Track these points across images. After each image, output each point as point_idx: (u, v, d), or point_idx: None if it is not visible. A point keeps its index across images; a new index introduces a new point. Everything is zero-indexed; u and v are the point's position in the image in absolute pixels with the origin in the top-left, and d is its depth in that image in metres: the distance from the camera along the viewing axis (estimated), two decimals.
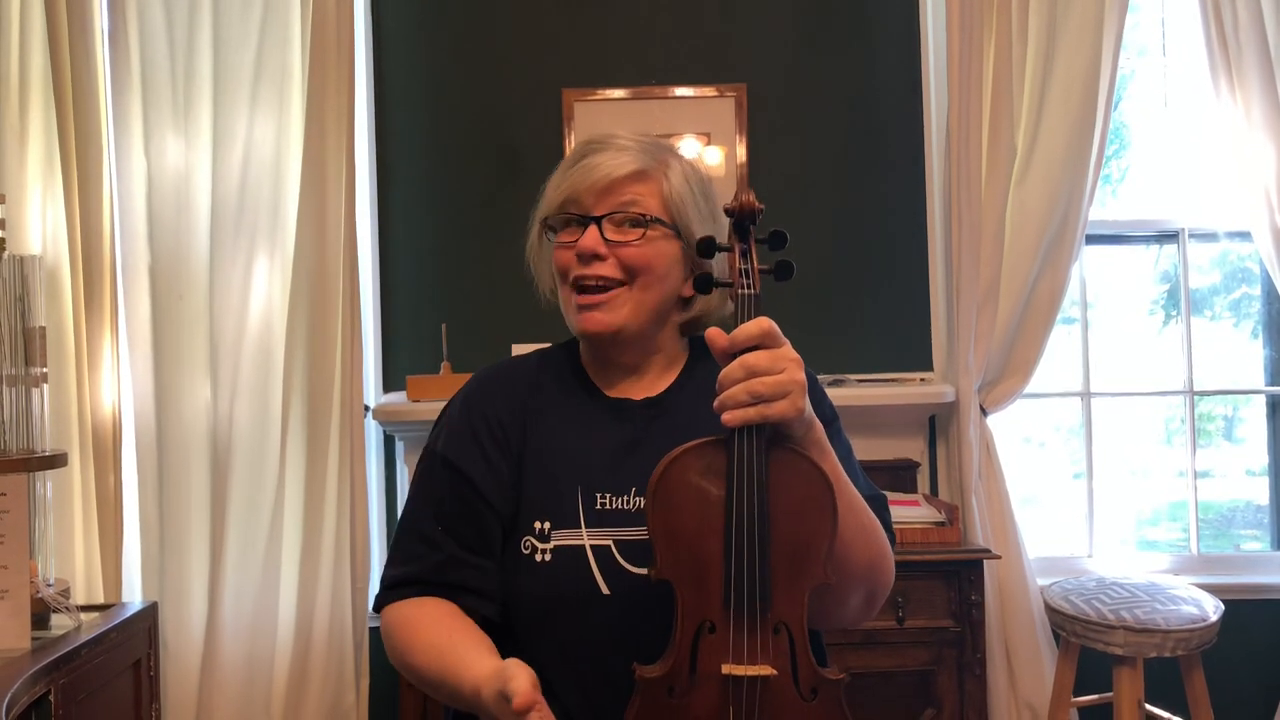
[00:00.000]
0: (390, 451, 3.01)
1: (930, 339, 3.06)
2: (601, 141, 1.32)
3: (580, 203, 1.27)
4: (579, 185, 1.27)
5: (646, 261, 1.26)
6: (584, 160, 1.29)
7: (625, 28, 3.06)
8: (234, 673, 2.73)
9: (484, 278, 2.99)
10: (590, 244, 1.25)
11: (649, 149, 1.31)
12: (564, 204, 1.29)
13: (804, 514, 1.09)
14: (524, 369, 1.39)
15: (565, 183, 1.29)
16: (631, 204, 1.27)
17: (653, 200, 1.28)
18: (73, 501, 2.62)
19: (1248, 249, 3.12)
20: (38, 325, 2.10)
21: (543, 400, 1.33)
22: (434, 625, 1.23)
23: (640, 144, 1.32)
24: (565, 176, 1.30)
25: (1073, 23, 2.85)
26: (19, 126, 2.62)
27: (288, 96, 2.78)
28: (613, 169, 1.27)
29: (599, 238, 1.25)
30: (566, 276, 1.29)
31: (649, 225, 1.26)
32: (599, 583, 1.21)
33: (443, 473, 1.30)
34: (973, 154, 2.84)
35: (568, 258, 1.28)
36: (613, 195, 1.27)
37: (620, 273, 1.26)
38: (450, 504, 1.28)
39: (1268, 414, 3.19)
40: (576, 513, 1.25)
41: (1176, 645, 2.42)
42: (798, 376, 1.07)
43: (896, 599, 2.49)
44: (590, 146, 1.32)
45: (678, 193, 1.29)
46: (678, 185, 1.29)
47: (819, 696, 1.10)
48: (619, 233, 1.26)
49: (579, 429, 1.31)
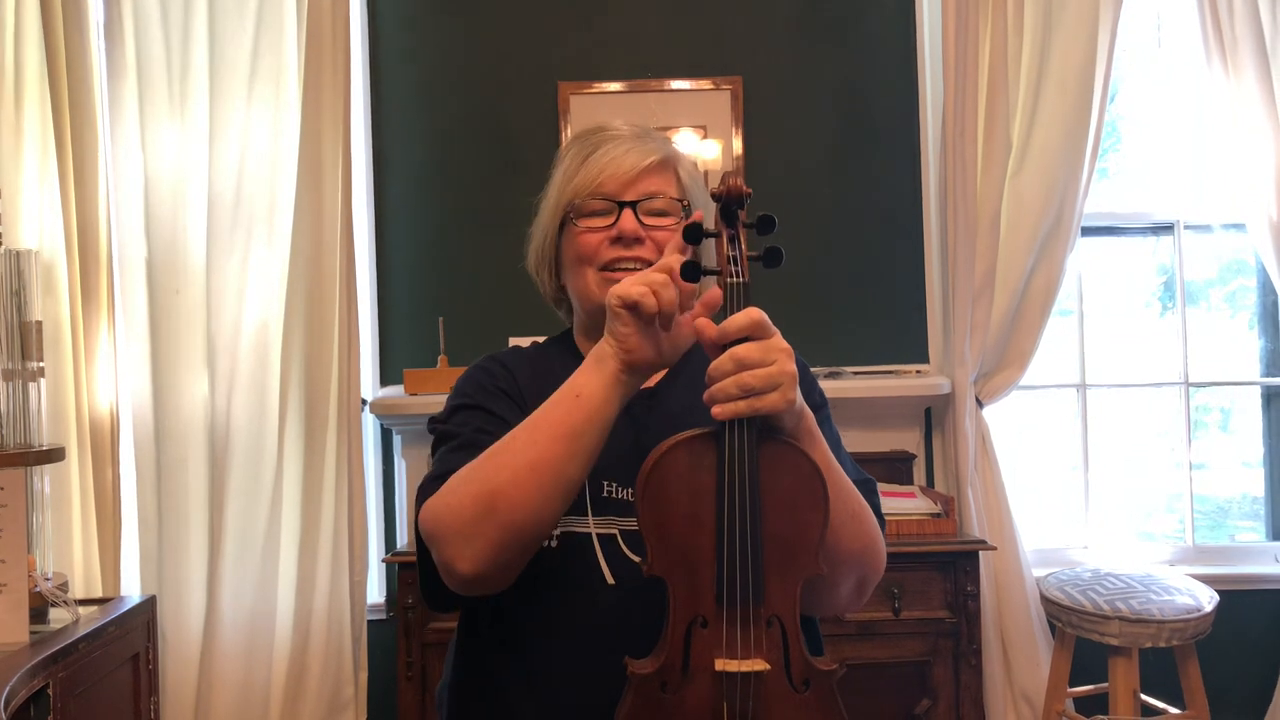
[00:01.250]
0: (387, 445, 3.02)
1: (926, 331, 3.06)
2: (612, 131, 1.36)
3: (608, 190, 1.31)
4: (608, 173, 1.30)
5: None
6: (604, 149, 1.32)
7: (621, 20, 3.05)
8: (233, 666, 2.73)
9: (481, 271, 2.99)
10: (633, 227, 1.29)
11: (661, 139, 1.37)
12: (594, 191, 1.31)
13: (795, 506, 1.09)
14: (525, 356, 1.41)
15: (590, 170, 1.31)
16: (660, 192, 1.32)
17: (674, 187, 1.34)
18: (71, 496, 2.62)
19: (1243, 241, 3.12)
20: (34, 320, 2.10)
21: (547, 383, 1.32)
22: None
23: (650, 134, 1.37)
24: (589, 165, 1.32)
25: (1068, 15, 2.85)
26: (14, 120, 2.61)
27: (284, 89, 2.78)
28: (640, 158, 1.31)
29: (637, 223, 1.29)
30: (593, 260, 1.31)
31: (681, 212, 1.31)
32: (604, 571, 1.21)
33: (480, 415, 1.28)
34: (968, 146, 2.84)
35: (597, 240, 1.31)
36: (641, 183, 1.31)
37: (655, 254, 1.28)
38: (495, 429, 1.22)
39: (1262, 405, 3.20)
40: (584, 500, 1.24)
41: (1172, 636, 2.43)
42: (788, 368, 1.06)
43: (892, 590, 2.50)
44: (604, 135, 1.35)
45: (690, 178, 1.36)
46: (689, 171, 1.37)
47: (811, 687, 1.10)
48: (652, 219, 1.30)
49: None
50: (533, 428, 1.14)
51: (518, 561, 1.15)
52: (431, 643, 2.48)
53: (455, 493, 1.14)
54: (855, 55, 3.07)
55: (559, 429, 1.12)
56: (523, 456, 1.12)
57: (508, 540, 1.11)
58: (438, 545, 1.14)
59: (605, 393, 1.12)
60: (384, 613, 2.95)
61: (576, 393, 1.13)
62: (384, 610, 2.96)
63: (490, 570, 1.13)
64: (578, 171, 1.33)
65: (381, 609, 2.96)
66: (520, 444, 1.13)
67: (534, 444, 1.12)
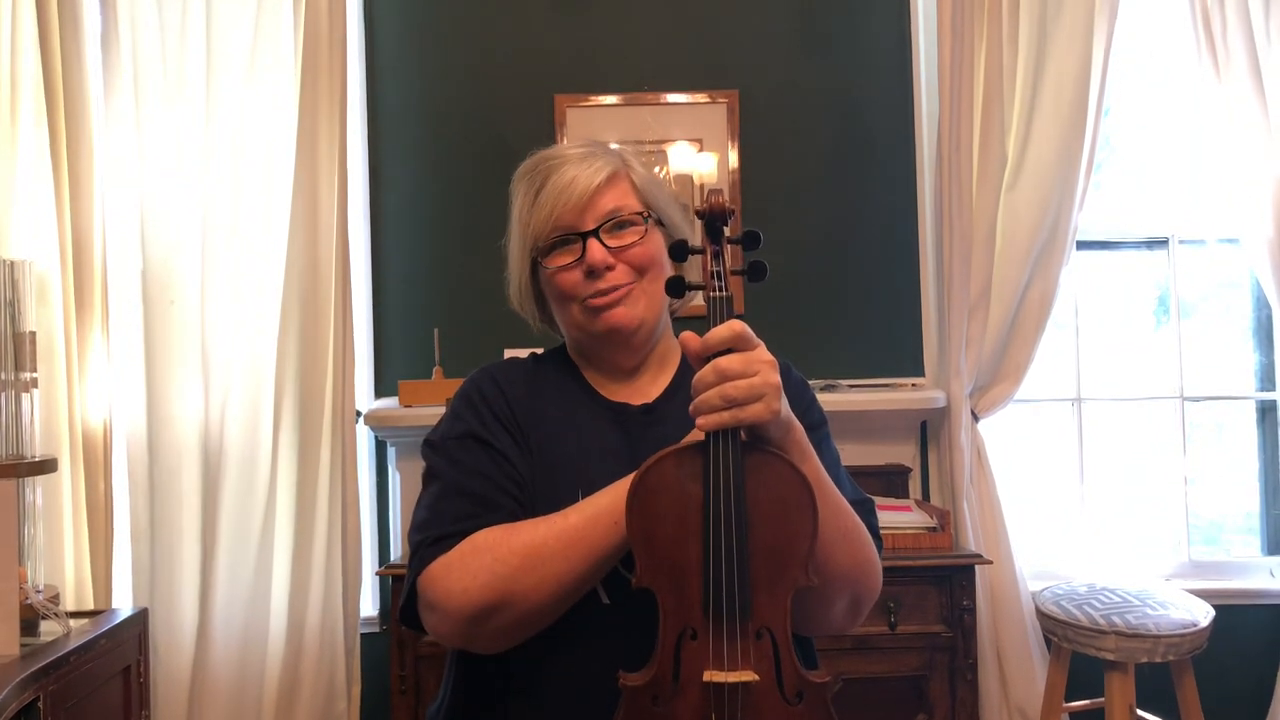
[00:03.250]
0: (382, 457, 3.01)
1: (922, 344, 3.07)
2: (555, 159, 1.33)
3: (566, 222, 1.28)
4: (560, 206, 1.28)
5: (650, 256, 1.29)
6: (550, 181, 1.30)
7: (617, 33, 3.07)
8: (225, 679, 2.72)
9: (476, 282, 2.98)
10: (600, 257, 1.27)
11: (603, 150, 1.34)
12: (552, 228, 1.29)
13: (783, 516, 1.09)
14: (522, 369, 1.39)
15: (544, 209, 1.29)
16: (617, 209, 1.29)
17: (631, 198, 1.31)
18: (62, 507, 2.60)
19: (1237, 256, 3.12)
20: (28, 330, 2.10)
21: (544, 402, 1.33)
22: (528, 521, 1.18)
23: (594, 147, 1.34)
24: (539, 204, 1.30)
25: (1063, 30, 2.86)
26: (10, 131, 2.61)
27: (280, 103, 2.78)
28: (588, 181, 1.28)
29: (604, 250, 1.27)
30: (574, 297, 1.30)
31: (643, 222, 1.30)
32: (599, 590, 1.20)
33: (474, 447, 1.26)
34: (964, 160, 2.85)
35: (573, 279, 1.29)
36: (596, 206, 1.29)
37: (630, 274, 1.28)
38: (492, 471, 1.24)
39: (1257, 420, 3.20)
40: None
41: (1168, 650, 2.42)
42: (771, 379, 1.06)
43: (888, 604, 2.49)
44: (548, 165, 1.32)
45: (644, 180, 1.34)
46: (642, 173, 1.34)
47: (804, 700, 1.10)
48: (617, 238, 1.28)
49: (580, 432, 1.31)
50: (567, 542, 1.14)
51: (506, 640, 1.19)
52: (425, 655, 2.47)
53: (469, 572, 1.15)
54: (851, 69, 3.08)
55: (594, 551, 1.14)
56: (550, 568, 1.13)
57: (509, 628, 1.16)
58: (434, 615, 1.18)
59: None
60: (377, 626, 2.94)
61: (616, 519, 1.12)
62: (377, 623, 2.95)
63: (477, 647, 1.20)
64: (531, 212, 1.31)
65: (375, 622, 2.95)
66: (550, 553, 1.14)
67: (566, 559, 1.13)
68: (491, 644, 1.19)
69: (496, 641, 1.19)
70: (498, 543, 1.15)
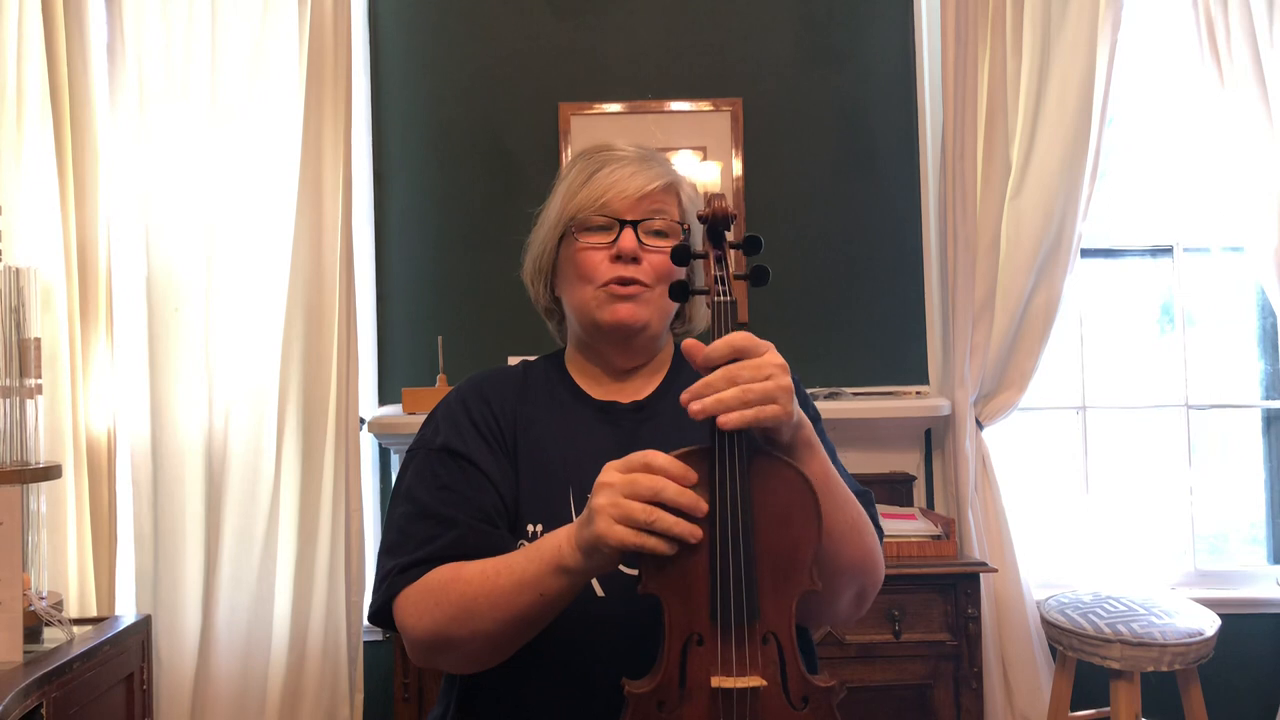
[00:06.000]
0: (385, 464, 3.01)
1: (926, 352, 3.06)
2: (619, 151, 1.38)
3: (612, 208, 1.32)
4: (612, 191, 1.32)
5: (671, 269, 1.31)
6: (610, 168, 1.34)
7: (622, 41, 3.07)
8: (228, 686, 2.71)
9: (480, 290, 2.99)
10: (632, 245, 1.30)
11: (664, 161, 1.39)
12: (598, 208, 1.32)
13: (789, 522, 1.08)
14: (511, 376, 1.42)
15: (596, 188, 1.33)
16: (661, 213, 1.33)
17: (675, 210, 1.36)
18: (66, 514, 2.61)
19: (1242, 264, 3.12)
20: (32, 337, 2.10)
21: (532, 406, 1.36)
22: (477, 563, 1.19)
23: (654, 156, 1.39)
24: (594, 182, 1.34)
25: (1067, 38, 2.87)
26: (16, 138, 2.62)
27: (285, 110, 2.78)
28: (645, 180, 1.33)
29: (637, 240, 1.31)
30: (593, 278, 1.32)
31: (681, 234, 1.33)
32: (593, 583, 1.21)
33: (448, 460, 1.29)
34: (968, 168, 2.85)
35: (598, 259, 1.32)
36: (644, 204, 1.33)
37: (651, 277, 1.31)
38: (460, 485, 1.27)
39: (1263, 428, 3.19)
40: (569, 514, 1.25)
41: (1174, 659, 2.41)
42: (784, 382, 1.07)
43: (893, 612, 2.49)
44: (610, 155, 1.37)
45: (690, 200, 1.38)
46: (689, 195, 1.39)
47: (810, 705, 1.10)
48: (650, 239, 1.32)
49: (569, 432, 1.33)
50: (493, 604, 1.14)
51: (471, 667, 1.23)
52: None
53: (418, 611, 1.19)
54: (855, 77, 3.08)
55: (525, 610, 1.14)
56: (478, 624, 1.15)
57: (461, 663, 1.22)
58: (404, 638, 1.23)
59: (591, 573, 1.12)
60: (380, 633, 2.93)
61: (561, 565, 1.11)
62: (380, 631, 2.94)
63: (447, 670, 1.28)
64: (582, 187, 1.34)
65: (378, 630, 2.94)
66: (479, 609, 1.15)
67: (493, 620, 1.14)
68: (457, 670, 1.26)
69: (460, 669, 1.25)
70: (443, 586, 1.18)
